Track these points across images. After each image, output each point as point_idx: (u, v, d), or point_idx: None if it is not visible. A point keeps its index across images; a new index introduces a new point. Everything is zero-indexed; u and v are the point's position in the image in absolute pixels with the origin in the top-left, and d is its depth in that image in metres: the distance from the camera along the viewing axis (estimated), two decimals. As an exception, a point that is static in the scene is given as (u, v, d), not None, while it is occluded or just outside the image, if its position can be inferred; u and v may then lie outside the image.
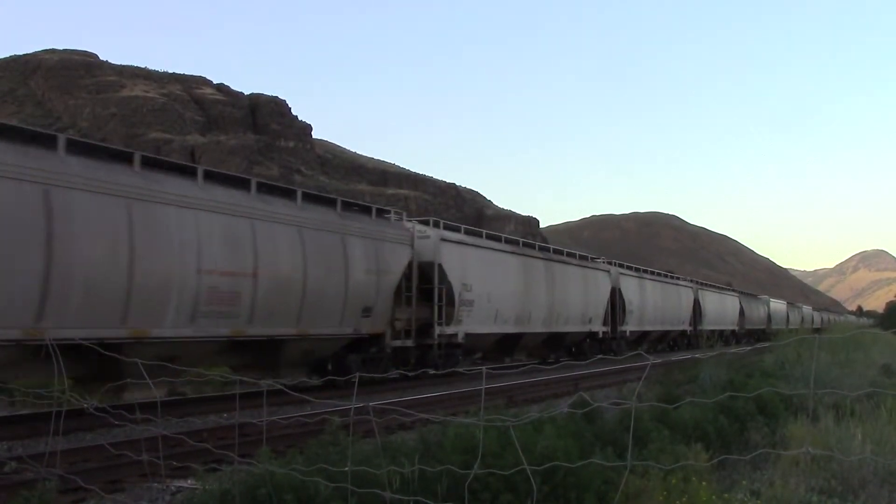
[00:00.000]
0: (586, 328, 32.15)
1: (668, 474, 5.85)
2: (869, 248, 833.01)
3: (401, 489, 5.30)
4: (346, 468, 5.16)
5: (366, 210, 20.14)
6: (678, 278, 48.73)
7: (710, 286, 56.14)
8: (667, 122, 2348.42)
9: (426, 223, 23.13)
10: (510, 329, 26.03)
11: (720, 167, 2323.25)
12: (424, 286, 21.50)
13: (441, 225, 23.91)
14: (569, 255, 33.24)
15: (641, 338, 39.76)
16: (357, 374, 6.13)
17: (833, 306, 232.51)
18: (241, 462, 5.95)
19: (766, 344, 29.95)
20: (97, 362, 11.41)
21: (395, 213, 22.07)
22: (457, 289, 22.57)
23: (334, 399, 12.91)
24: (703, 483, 6.14)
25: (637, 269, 40.53)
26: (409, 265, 20.44)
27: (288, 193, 17.43)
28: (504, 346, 27.20)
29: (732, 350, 22.27)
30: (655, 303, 40.79)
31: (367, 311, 18.46)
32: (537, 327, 27.68)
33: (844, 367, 16.56)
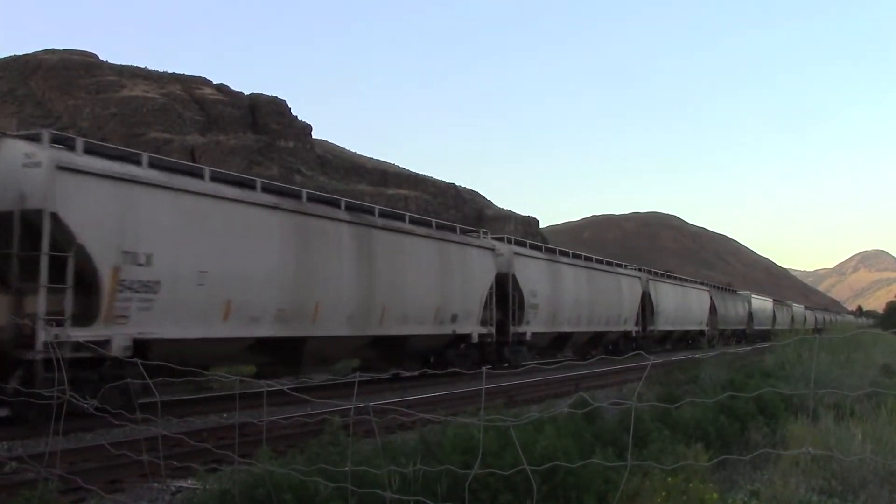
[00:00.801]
0: (447, 329, 22.41)
1: (668, 474, 5.85)
2: (869, 248, 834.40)
3: (401, 489, 5.30)
4: (346, 468, 5.16)
5: None
6: (618, 265, 38.42)
7: (668, 277, 46.57)
8: (667, 123, 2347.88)
9: (34, 139, 13.15)
10: (270, 331, 16.41)
11: (720, 167, 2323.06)
12: (26, 255, 12.68)
13: (80, 146, 13.43)
14: (415, 221, 22.34)
15: (558, 341, 30.65)
16: (358, 375, 6.13)
17: (833, 306, 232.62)
18: (241, 462, 5.94)
19: (767, 344, 29.90)
20: None
21: None
22: (107, 261, 13.13)
23: (335, 399, 12.92)
24: (704, 483, 6.14)
25: (549, 251, 31.29)
26: None
27: None
28: (281, 356, 17.52)
29: (732, 350, 22.27)
30: (579, 296, 31.06)
31: None
32: (339, 328, 18.27)
33: (845, 367, 16.58)
